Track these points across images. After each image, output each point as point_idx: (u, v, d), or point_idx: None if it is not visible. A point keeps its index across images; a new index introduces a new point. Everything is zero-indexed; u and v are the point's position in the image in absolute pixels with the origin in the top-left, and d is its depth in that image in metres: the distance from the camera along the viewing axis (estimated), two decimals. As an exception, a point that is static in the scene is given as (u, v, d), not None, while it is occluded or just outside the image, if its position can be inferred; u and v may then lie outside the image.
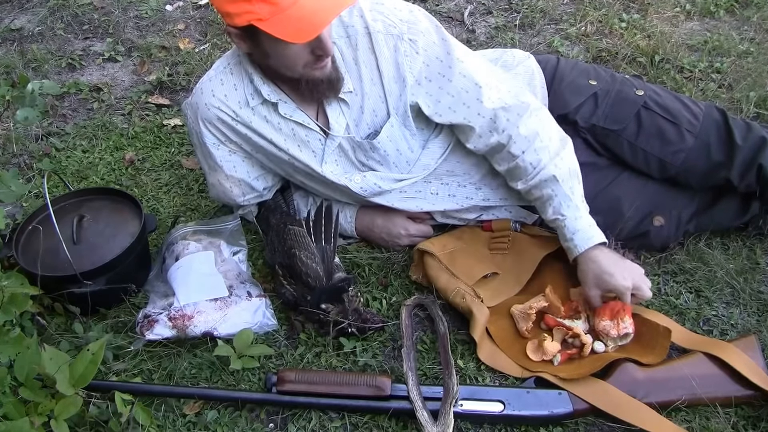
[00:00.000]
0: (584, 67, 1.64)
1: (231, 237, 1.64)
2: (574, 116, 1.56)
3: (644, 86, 1.60)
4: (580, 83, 1.58)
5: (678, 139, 1.53)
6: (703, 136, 1.53)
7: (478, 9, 2.64)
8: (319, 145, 1.49)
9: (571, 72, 1.61)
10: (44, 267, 1.40)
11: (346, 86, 1.43)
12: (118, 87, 2.34)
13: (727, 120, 1.54)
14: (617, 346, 1.37)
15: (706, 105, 1.59)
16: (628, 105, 1.55)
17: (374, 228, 1.62)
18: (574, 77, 1.60)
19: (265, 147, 1.51)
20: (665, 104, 1.56)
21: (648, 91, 1.58)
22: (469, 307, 1.42)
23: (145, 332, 1.39)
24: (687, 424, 1.25)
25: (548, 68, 1.61)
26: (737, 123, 1.55)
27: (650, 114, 1.54)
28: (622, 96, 1.57)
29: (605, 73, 1.63)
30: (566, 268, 1.53)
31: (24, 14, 2.74)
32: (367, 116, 1.47)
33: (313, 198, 1.67)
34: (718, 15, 2.53)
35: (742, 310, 1.48)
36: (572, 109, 1.56)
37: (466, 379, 1.35)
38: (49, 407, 1.13)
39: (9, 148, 2.04)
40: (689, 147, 1.53)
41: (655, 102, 1.56)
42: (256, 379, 1.37)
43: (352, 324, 1.39)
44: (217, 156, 1.53)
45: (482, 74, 1.44)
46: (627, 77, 1.62)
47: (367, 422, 1.28)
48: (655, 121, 1.54)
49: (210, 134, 1.51)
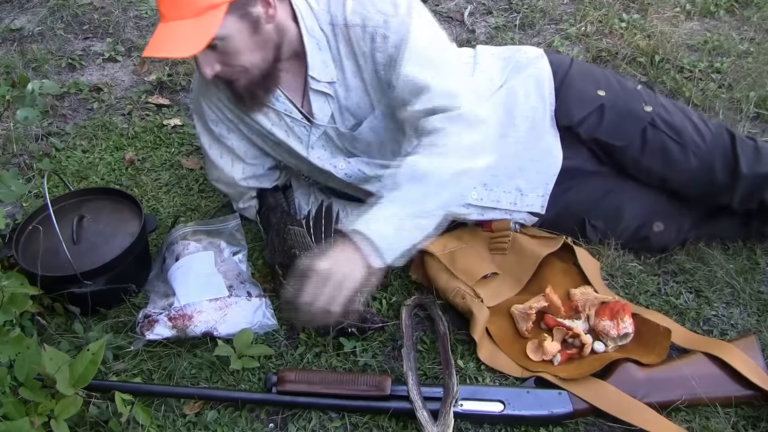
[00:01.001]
0: (595, 75, 1.58)
1: (231, 237, 1.64)
2: (577, 129, 1.52)
3: (654, 100, 1.54)
4: (588, 93, 1.53)
5: (682, 159, 1.50)
6: (708, 159, 1.49)
7: (478, 9, 2.64)
8: (305, 132, 1.51)
9: (580, 80, 1.55)
10: (44, 267, 1.41)
11: (328, 76, 1.43)
12: (118, 87, 2.34)
13: (735, 146, 1.50)
14: (617, 346, 1.37)
15: (716, 126, 1.54)
16: (634, 121, 1.51)
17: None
18: (582, 86, 1.54)
19: (258, 129, 1.54)
20: (673, 123, 1.51)
21: (657, 107, 1.52)
22: (469, 307, 1.42)
23: (145, 332, 1.39)
24: (687, 424, 1.25)
25: (559, 72, 1.56)
26: (746, 149, 1.50)
27: (656, 132, 1.50)
28: (628, 111, 1.51)
29: (616, 82, 1.56)
30: (566, 268, 1.53)
31: (24, 14, 2.74)
32: (351, 107, 1.46)
33: (314, 196, 1.67)
34: (718, 15, 2.53)
35: (742, 310, 1.48)
36: (576, 122, 1.52)
37: (466, 379, 1.35)
38: (49, 407, 1.13)
39: (9, 148, 2.04)
40: (692, 168, 1.50)
41: (662, 120, 1.51)
42: (256, 379, 1.37)
43: (352, 324, 1.39)
44: (217, 132, 1.57)
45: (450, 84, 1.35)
46: (638, 88, 1.56)
47: (367, 422, 1.28)
48: (660, 140, 1.50)
49: (210, 111, 1.55)
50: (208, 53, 1.31)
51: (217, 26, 1.26)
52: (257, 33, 1.33)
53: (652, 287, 1.52)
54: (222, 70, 1.35)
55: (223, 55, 1.33)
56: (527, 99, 1.53)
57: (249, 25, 1.31)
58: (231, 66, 1.36)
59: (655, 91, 1.59)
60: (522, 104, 1.53)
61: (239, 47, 1.32)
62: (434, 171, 1.25)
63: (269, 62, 1.40)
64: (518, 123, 1.52)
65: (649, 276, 1.55)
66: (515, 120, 1.53)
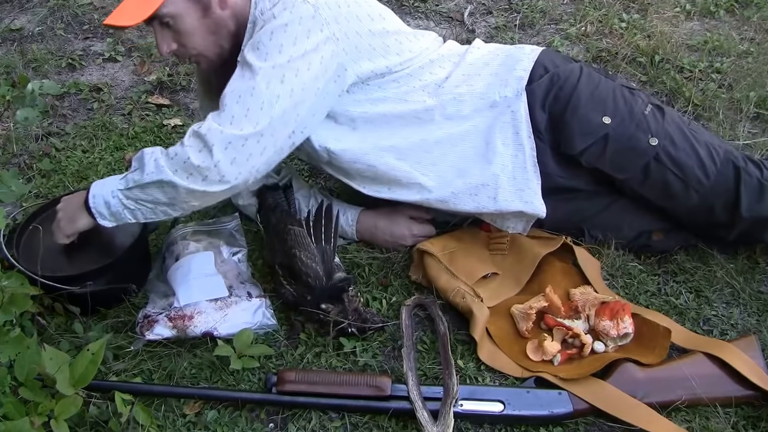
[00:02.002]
0: (602, 95, 1.48)
1: (231, 237, 1.64)
2: (579, 158, 1.47)
3: (661, 130, 1.45)
4: (593, 121, 1.45)
5: (683, 195, 1.46)
6: (709, 198, 1.46)
7: (478, 9, 2.65)
8: None
9: (587, 103, 1.46)
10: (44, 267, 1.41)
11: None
12: (118, 87, 2.34)
13: (740, 184, 1.44)
14: (617, 346, 1.37)
15: (722, 161, 1.46)
16: (637, 155, 1.45)
17: (377, 231, 1.62)
18: (587, 112, 1.45)
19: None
20: (678, 159, 1.44)
21: (663, 140, 1.45)
22: (469, 307, 1.42)
23: (145, 332, 1.39)
24: (687, 424, 1.25)
25: (566, 88, 1.47)
26: (750, 188, 1.45)
27: (659, 167, 1.45)
28: (633, 144, 1.45)
29: (624, 105, 1.47)
30: (566, 268, 1.53)
31: (24, 14, 2.74)
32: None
33: (315, 198, 1.67)
34: (718, 15, 2.54)
35: (742, 310, 1.48)
36: (578, 151, 1.46)
37: (466, 379, 1.35)
38: (49, 407, 1.13)
39: (9, 148, 2.04)
40: (692, 204, 1.47)
41: (667, 154, 1.44)
42: (256, 379, 1.37)
43: (352, 324, 1.39)
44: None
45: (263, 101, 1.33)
46: (646, 112, 1.47)
47: (367, 422, 1.28)
48: (662, 175, 1.46)
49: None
50: (165, 32, 1.41)
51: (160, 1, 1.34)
52: (207, 16, 1.40)
53: (652, 287, 1.52)
54: (177, 49, 1.43)
55: (177, 35, 1.41)
56: (506, 148, 1.47)
57: (198, 6, 1.39)
58: (185, 47, 1.43)
59: (664, 114, 1.49)
60: (501, 152, 1.46)
61: (189, 28, 1.40)
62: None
63: (226, 50, 1.44)
64: (497, 172, 1.46)
65: (649, 276, 1.55)
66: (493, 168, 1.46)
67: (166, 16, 1.37)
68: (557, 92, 1.47)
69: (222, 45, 1.44)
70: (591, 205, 1.56)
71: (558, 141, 1.48)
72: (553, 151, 1.49)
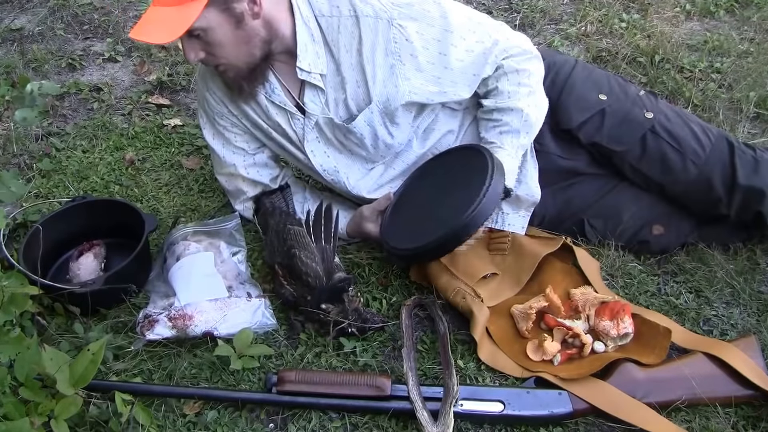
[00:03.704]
0: (597, 78, 1.57)
1: (230, 237, 1.64)
2: (577, 133, 1.53)
3: (655, 107, 1.53)
4: (589, 98, 1.53)
5: (681, 168, 1.50)
6: (707, 171, 1.49)
7: (478, 9, 2.64)
8: (300, 124, 1.52)
9: (582, 84, 1.54)
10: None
11: (318, 68, 1.44)
12: (118, 87, 2.34)
13: (734, 157, 1.49)
14: (617, 346, 1.37)
15: (716, 135, 1.53)
16: (634, 127, 1.51)
17: (362, 220, 1.60)
18: (583, 90, 1.54)
19: (259, 123, 1.55)
20: (673, 131, 1.51)
21: (658, 114, 1.52)
22: (469, 307, 1.42)
23: (145, 332, 1.39)
24: (687, 424, 1.25)
25: (561, 74, 1.55)
26: (744, 160, 1.50)
27: (656, 139, 1.50)
28: (629, 117, 1.51)
29: (618, 86, 1.56)
30: (566, 268, 1.53)
31: (24, 14, 2.74)
32: (346, 99, 1.47)
33: (310, 203, 1.67)
34: (718, 15, 2.54)
35: (742, 310, 1.48)
36: (576, 126, 1.52)
37: (466, 379, 1.35)
38: (49, 407, 1.13)
39: (9, 148, 2.04)
40: (690, 179, 1.50)
41: (663, 127, 1.50)
42: (256, 379, 1.37)
43: (352, 324, 1.39)
44: (222, 124, 1.58)
45: (484, 41, 1.45)
46: (640, 95, 1.55)
47: (367, 422, 1.28)
48: (659, 147, 1.50)
49: (215, 105, 1.57)
50: (193, 41, 1.36)
51: (194, 17, 1.30)
52: (240, 28, 1.37)
53: (652, 287, 1.52)
54: (206, 57, 1.40)
55: (207, 45, 1.37)
56: None
57: (231, 19, 1.35)
58: (215, 56, 1.40)
59: (657, 98, 1.58)
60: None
61: (222, 40, 1.36)
62: (536, 119, 1.47)
63: (257, 57, 1.43)
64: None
65: (649, 276, 1.55)
66: None
67: (197, 30, 1.33)
68: (554, 77, 1.55)
69: (253, 53, 1.42)
70: (591, 191, 1.56)
71: (557, 121, 1.53)
72: (552, 133, 1.55)
